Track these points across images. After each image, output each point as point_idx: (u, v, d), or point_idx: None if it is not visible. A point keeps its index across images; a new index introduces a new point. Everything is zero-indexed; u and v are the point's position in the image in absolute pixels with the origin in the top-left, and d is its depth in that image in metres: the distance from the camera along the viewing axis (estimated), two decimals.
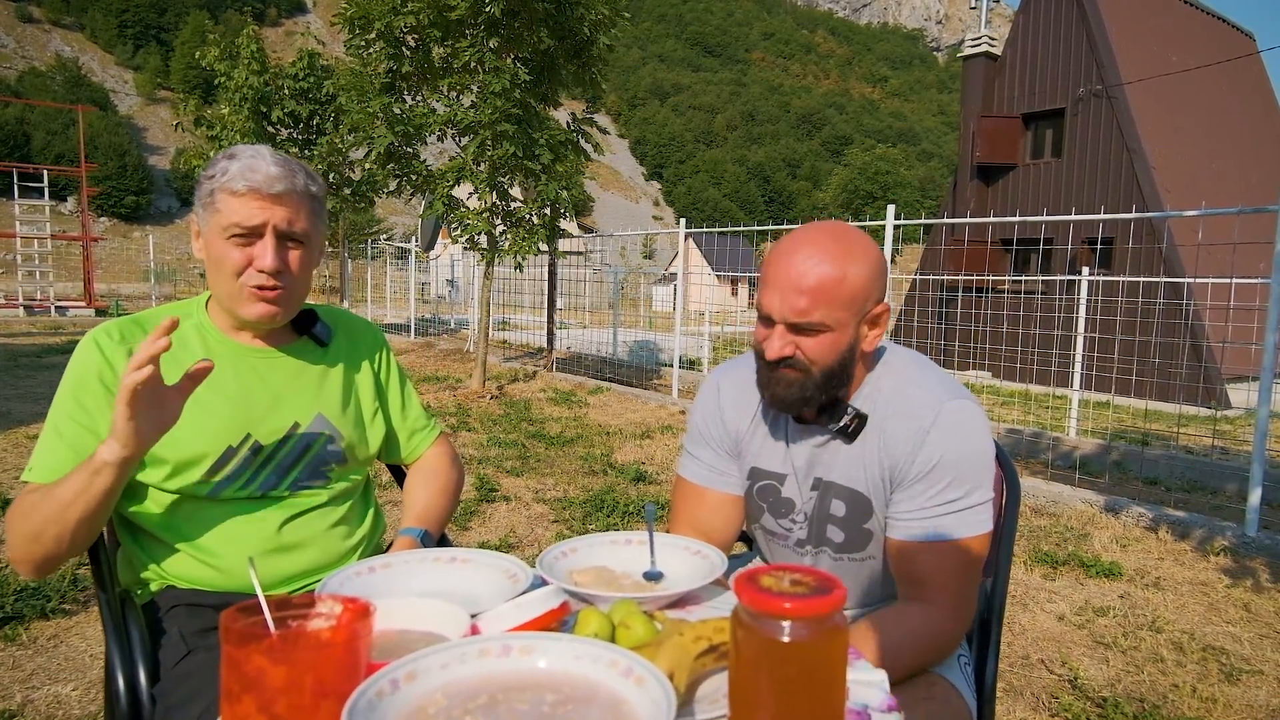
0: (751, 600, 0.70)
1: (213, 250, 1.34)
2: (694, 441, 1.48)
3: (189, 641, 1.28)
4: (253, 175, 1.31)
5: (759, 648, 0.70)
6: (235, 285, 1.34)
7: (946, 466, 1.21)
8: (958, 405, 1.24)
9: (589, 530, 4.07)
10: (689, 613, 1.09)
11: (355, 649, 0.68)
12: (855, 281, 1.19)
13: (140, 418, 1.12)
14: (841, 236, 1.21)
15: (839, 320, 1.19)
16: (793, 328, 1.21)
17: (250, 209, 1.31)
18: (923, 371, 1.31)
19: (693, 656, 0.82)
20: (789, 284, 1.19)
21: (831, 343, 1.21)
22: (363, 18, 7.49)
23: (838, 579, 0.72)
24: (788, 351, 1.22)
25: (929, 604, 1.22)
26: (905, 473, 1.24)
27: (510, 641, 0.80)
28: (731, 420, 1.43)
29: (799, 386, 1.24)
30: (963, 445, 1.22)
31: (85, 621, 2.85)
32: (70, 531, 1.20)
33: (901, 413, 1.26)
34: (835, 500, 1.33)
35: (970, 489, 1.22)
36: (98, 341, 1.34)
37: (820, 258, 1.18)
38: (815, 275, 1.17)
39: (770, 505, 1.40)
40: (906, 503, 1.24)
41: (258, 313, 1.35)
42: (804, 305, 1.18)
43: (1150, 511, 4.55)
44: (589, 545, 1.24)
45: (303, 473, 1.43)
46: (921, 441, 1.22)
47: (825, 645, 0.69)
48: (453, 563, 1.16)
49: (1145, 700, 2.60)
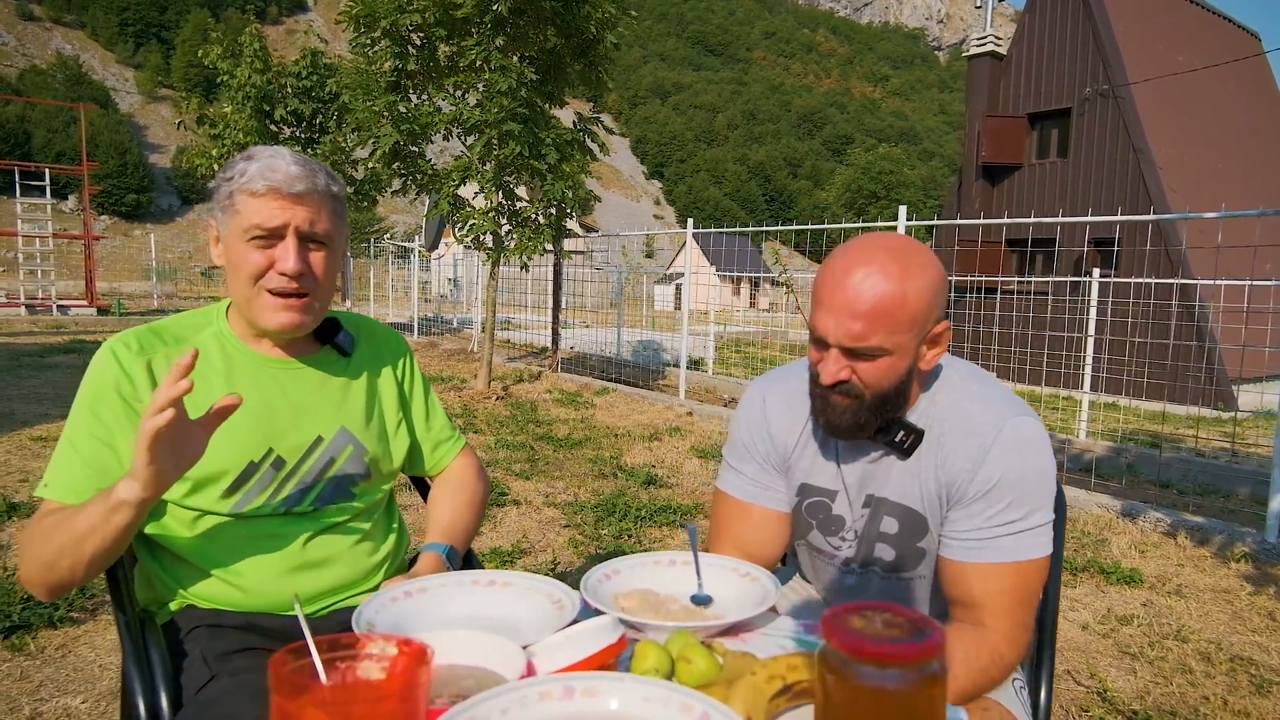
0: (846, 645, 0.64)
1: (232, 254, 1.29)
2: (737, 455, 1.41)
3: (212, 665, 1.22)
4: (272, 175, 1.26)
5: (854, 695, 0.64)
6: (254, 290, 1.28)
7: (1007, 486, 1.15)
8: (1020, 422, 1.18)
9: (601, 535, 4.02)
10: (744, 641, 1.03)
11: (414, 698, 0.63)
12: (916, 302, 1.11)
13: (162, 459, 1.07)
14: (900, 252, 1.13)
15: (898, 344, 1.12)
16: (848, 352, 1.14)
17: (270, 209, 1.26)
18: (983, 386, 1.25)
19: (768, 698, 0.77)
20: (844, 306, 1.11)
21: (889, 367, 1.14)
22: (368, 15, 7.43)
23: (933, 620, 0.67)
24: (844, 376, 1.15)
25: (984, 629, 1.16)
26: (964, 491, 1.18)
27: (573, 683, 0.74)
28: (779, 434, 1.36)
29: (852, 413, 1.17)
30: (1024, 464, 1.16)
31: (94, 631, 2.79)
32: (85, 563, 1.16)
33: (961, 429, 1.20)
34: (887, 518, 1.27)
35: (1031, 510, 1.16)
36: (115, 353, 1.29)
37: (878, 277, 1.10)
38: (872, 297, 1.09)
39: (820, 523, 1.34)
40: (964, 522, 1.18)
41: (280, 322, 1.30)
42: (860, 329, 1.11)
43: (1168, 516, 4.50)
44: (631, 567, 1.19)
45: (326, 489, 1.38)
46: (982, 459, 1.16)
47: (927, 694, 0.64)
48: (491, 586, 1.10)
49: (1177, 713, 2.55)
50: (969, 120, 16.21)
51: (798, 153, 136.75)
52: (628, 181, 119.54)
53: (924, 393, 1.25)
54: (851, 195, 68.35)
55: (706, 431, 6.78)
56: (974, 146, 15.89)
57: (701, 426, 7.01)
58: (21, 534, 1.14)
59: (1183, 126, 14.98)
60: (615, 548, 3.85)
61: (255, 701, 1.13)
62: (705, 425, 7.07)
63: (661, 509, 4.41)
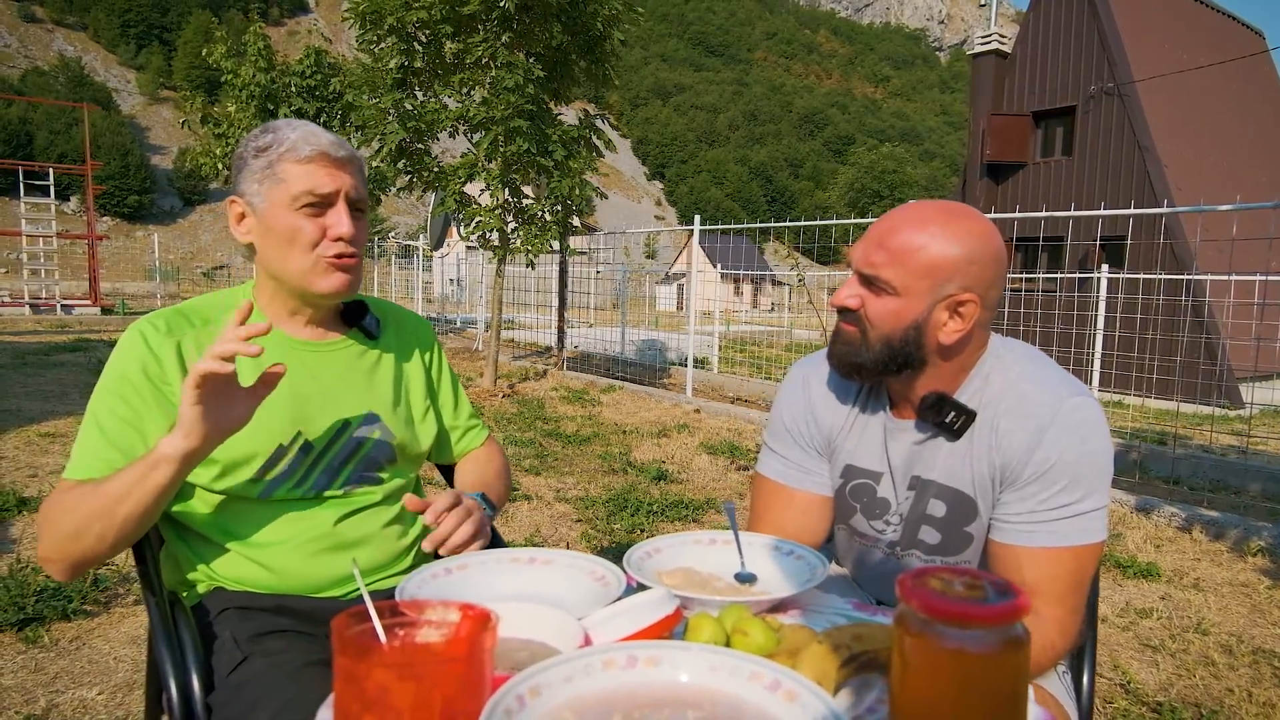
0: (926, 606, 0.62)
1: (279, 224, 1.26)
2: (778, 438, 1.38)
3: (243, 647, 1.20)
4: (316, 140, 1.25)
5: (934, 658, 0.62)
6: (310, 258, 1.26)
7: (1064, 468, 1.11)
8: (1079, 402, 1.14)
9: (614, 529, 4.00)
10: (791, 618, 1.01)
11: (481, 662, 0.61)
12: (938, 254, 1.11)
13: (209, 410, 1.06)
14: (949, 211, 1.14)
15: (908, 287, 1.12)
16: (863, 279, 1.17)
17: (320, 176, 1.25)
18: (1038, 366, 1.21)
19: (836, 667, 0.75)
20: (875, 235, 1.16)
21: (896, 309, 1.14)
22: (374, 12, 7.41)
23: (1016, 584, 0.65)
24: (852, 303, 1.18)
25: (1036, 616, 1.12)
26: (1018, 473, 1.14)
27: (635, 652, 0.72)
28: (825, 416, 1.34)
29: (854, 348, 1.19)
30: (1082, 446, 1.12)
31: (107, 624, 2.77)
32: (117, 528, 1.13)
33: (1016, 409, 1.16)
34: (934, 500, 1.24)
35: (1086, 493, 1.12)
36: (144, 334, 1.27)
37: (915, 222, 1.13)
38: (901, 234, 1.12)
39: (864, 506, 1.31)
40: (1016, 505, 1.15)
41: (336, 284, 1.29)
42: (878, 259, 1.13)
43: (1183, 511, 4.47)
44: (671, 545, 1.17)
45: (354, 472, 1.36)
46: (1039, 441, 1.13)
47: (1011, 658, 0.62)
48: (532, 564, 1.08)
49: (1202, 705, 2.52)
50: (973, 118, 16.18)
51: (799, 153, 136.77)
52: (629, 182, 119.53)
53: (976, 368, 1.22)
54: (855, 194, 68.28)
55: (715, 428, 6.75)
56: (978, 145, 15.86)
57: (709, 424, 6.99)
58: (40, 512, 1.11)
59: (1187, 124, 14.95)
60: (628, 542, 3.82)
61: (291, 681, 1.11)
62: (713, 422, 7.05)
63: (674, 504, 4.39)
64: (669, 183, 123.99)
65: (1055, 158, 15.48)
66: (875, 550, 1.34)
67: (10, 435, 5.42)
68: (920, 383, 1.21)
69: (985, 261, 1.13)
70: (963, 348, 1.20)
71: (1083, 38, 15.00)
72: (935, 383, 1.21)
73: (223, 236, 76.32)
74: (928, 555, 1.29)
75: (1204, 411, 10.62)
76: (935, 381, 1.21)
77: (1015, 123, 15.68)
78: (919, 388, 1.22)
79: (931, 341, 1.16)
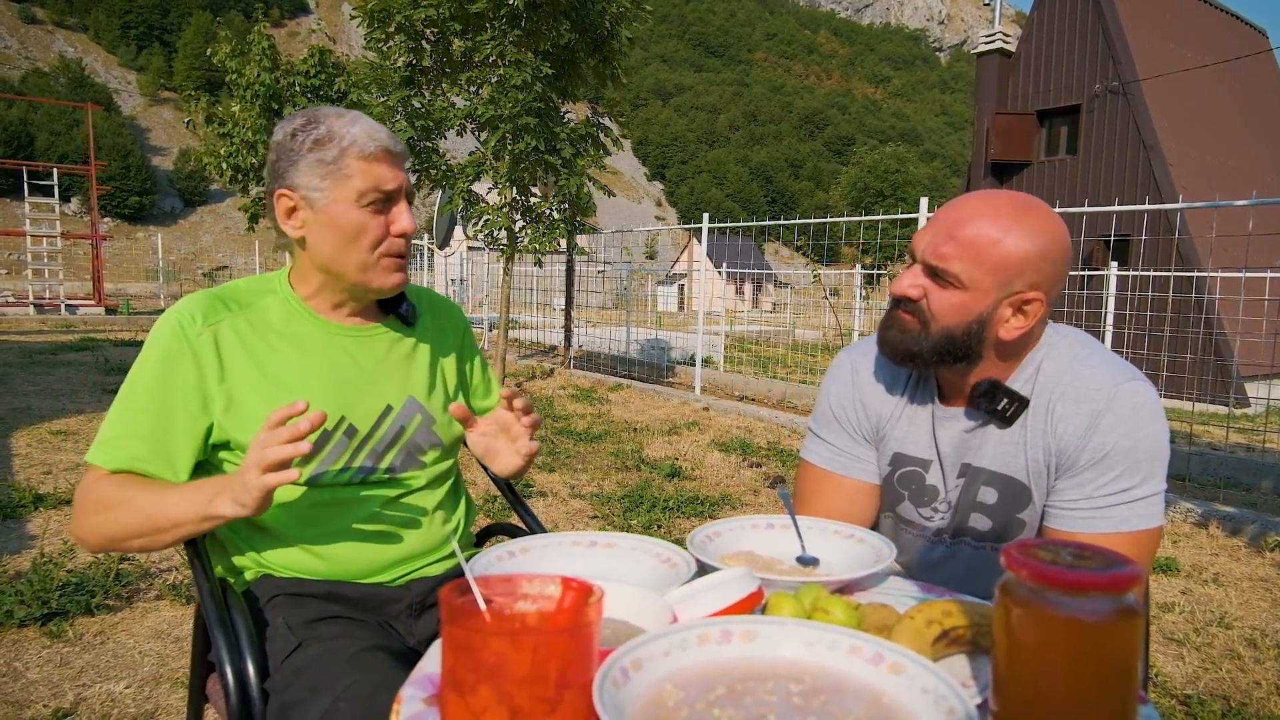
0: (1036, 575, 0.61)
1: (344, 220, 1.24)
2: (825, 426, 1.38)
3: (297, 633, 1.20)
4: (379, 135, 1.24)
5: (1046, 628, 0.61)
6: (373, 256, 1.26)
7: (1121, 453, 1.10)
8: (1134, 387, 1.13)
9: (631, 525, 3.99)
10: (859, 600, 1.00)
11: (591, 635, 0.60)
12: (1011, 250, 1.09)
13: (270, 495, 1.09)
14: (1021, 206, 1.11)
15: (976, 281, 1.10)
16: (929, 270, 1.14)
17: (385, 172, 1.24)
18: (1091, 351, 1.20)
19: (930, 642, 0.74)
20: (944, 225, 1.12)
21: (961, 303, 1.12)
22: (382, 11, 7.41)
23: (1128, 556, 0.64)
24: (914, 294, 1.15)
25: None
26: (1074, 459, 1.13)
27: (730, 626, 0.72)
28: (873, 403, 1.33)
29: (911, 337, 1.16)
30: (1139, 430, 1.11)
31: (130, 618, 2.77)
32: (158, 545, 1.20)
33: (1071, 394, 1.15)
34: (985, 488, 1.23)
35: (1144, 478, 1.11)
36: (183, 327, 1.24)
37: (988, 214, 1.10)
38: (973, 227, 1.10)
39: (912, 493, 1.31)
40: (1073, 491, 1.14)
41: (395, 281, 1.30)
42: (948, 250, 1.11)
43: (1199, 507, 4.47)
44: (730, 530, 1.16)
45: (398, 457, 1.36)
46: (1095, 426, 1.11)
47: (1124, 628, 0.61)
48: (594, 546, 1.08)
49: (1230, 698, 2.52)
50: (977, 117, 16.17)
51: (799, 154, 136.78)
52: (629, 183, 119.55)
53: (1029, 355, 1.21)
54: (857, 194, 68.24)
55: (725, 426, 6.75)
56: (982, 144, 15.85)
57: (719, 421, 6.98)
58: (76, 496, 1.13)
59: (1192, 123, 14.94)
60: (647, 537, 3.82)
61: (350, 667, 1.11)
62: (723, 420, 7.04)
63: (689, 500, 4.38)
64: (669, 183, 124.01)
65: (1060, 157, 15.47)
66: (922, 538, 1.33)
67: (23, 433, 5.42)
68: (974, 373, 1.21)
69: (1055, 259, 1.12)
70: (1022, 344, 1.18)
71: (1087, 36, 15.00)
72: (988, 372, 1.20)
73: (223, 238, 76.32)
74: (978, 543, 1.28)
75: (1210, 410, 10.61)
76: (989, 371, 1.20)
77: (1019, 122, 15.67)
78: (972, 377, 1.21)
79: (992, 336, 1.15)
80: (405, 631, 1.32)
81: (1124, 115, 14.33)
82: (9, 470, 4.53)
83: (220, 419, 1.24)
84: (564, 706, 0.58)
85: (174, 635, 2.65)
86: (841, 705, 0.63)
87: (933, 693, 0.62)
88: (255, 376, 1.26)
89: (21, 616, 2.65)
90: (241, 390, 1.25)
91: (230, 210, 73.02)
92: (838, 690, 0.65)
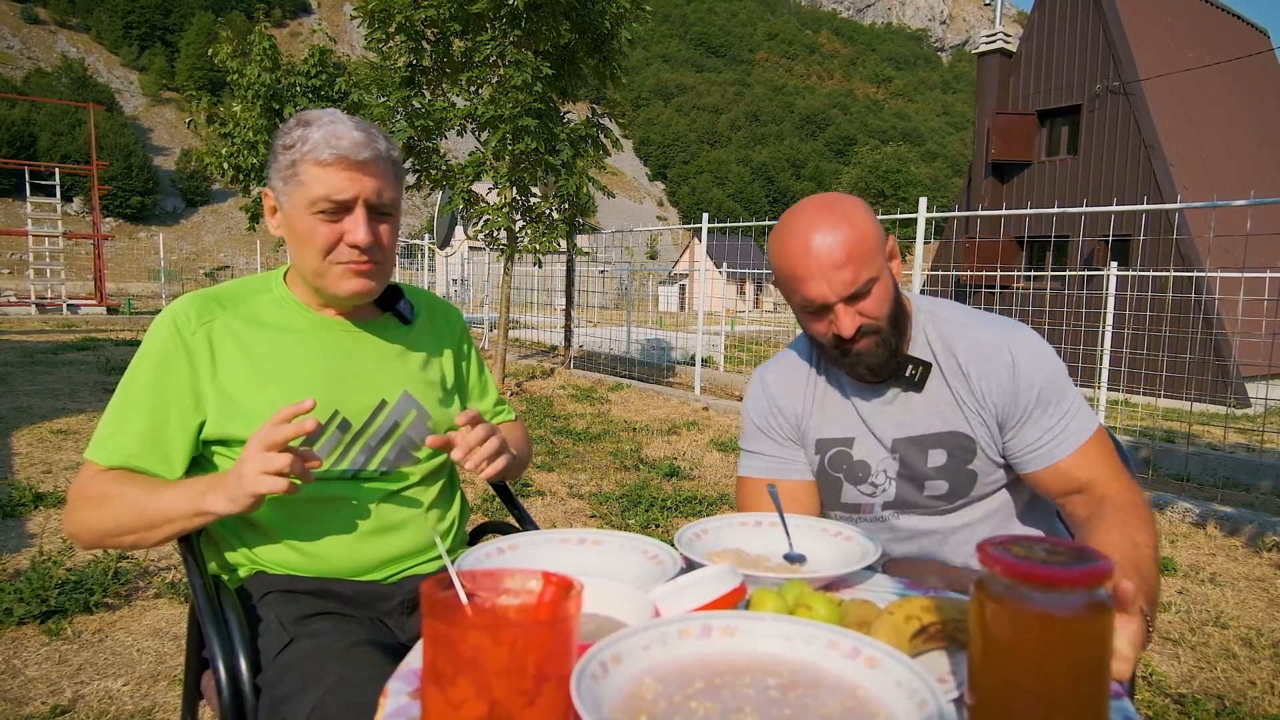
0: (1011, 570, 0.62)
1: (298, 226, 1.25)
2: (752, 439, 1.46)
3: (289, 629, 1.21)
4: (338, 142, 1.21)
5: (1019, 623, 0.62)
6: (324, 263, 1.26)
7: (1049, 388, 1.28)
8: (1022, 334, 1.31)
9: (629, 524, 4.00)
10: (843, 596, 1.01)
11: (571, 629, 0.61)
12: (867, 229, 1.23)
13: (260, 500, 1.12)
14: (830, 203, 1.24)
15: (877, 268, 1.23)
16: (850, 300, 1.24)
17: (339, 181, 1.22)
18: (972, 315, 1.36)
19: (908, 637, 0.75)
20: (826, 266, 1.20)
21: (883, 292, 1.25)
22: (383, 11, 7.42)
23: (1097, 550, 0.65)
24: (861, 322, 1.25)
25: (1110, 495, 1.23)
26: (1015, 408, 1.28)
27: (710, 621, 0.72)
28: (787, 404, 1.43)
29: (882, 347, 1.27)
30: (1047, 364, 1.29)
31: (128, 616, 2.78)
32: (150, 542, 1.21)
33: (976, 357, 1.30)
34: (933, 451, 1.32)
35: (1072, 397, 1.29)
36: (177, 326, 1.26)
37: (831, 229, 1.21)
38: (841, 245, 1.20)
39: (846, 473, 1.38)
40: (1031, 433, 1.28)
41: (352, 288, 1.28)
42: (849, 275, 1.21)
43: (1196, 507, 4.47)
44: (719, 527, 1.17)
45: (391, 452, 1.36)
46: (1014, 377, 1.28)
47: (1097, 622, 0.62)
48: (582, 544, 1.09)
49: (1225, 697, 2.52)
50: (978, 117, 16.17)
51: (801, 154, 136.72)
52: (631, 183, 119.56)
53: (915, 327, 1.34)
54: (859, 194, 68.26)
55: (724, 426, 6.76)
56: (983, 144, 15.85)
57: (719, 421, 6.99)
58: (70, 493, 1.14)
59: (1193, 123, 14.94)
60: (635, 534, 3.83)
61: (340, 660, 1.12)
62: (722, 420, 7.05)
63: (687, 499, 4.39)
64: (671, 183, 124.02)
65: (1060, 156, 15.46)
66: (870, 518, 1.39)
67: (23, 432, 5.44)
68: None
69: (872, 212, 1.29)
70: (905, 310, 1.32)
71: (1088, 36, 14.99)
72: None
73: (225, 238, 76.45)
74: (930, 508, 1.35)
75: (1210, 410, 10.61)
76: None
77: (1020, 121, 15.66)
78: None
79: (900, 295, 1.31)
80: (397, 628, 1.33)
81: (1125, 115, 14.32)
82: (9, 469, 4.55)
83: (213, 416, 1.25)
84: (542, 699, 0.59)
85: (172, 633, 2.67)
86: (817, 698, 0.64)
87: (906, 686, 0.63)
88: (248, 370, 1.27)
89: (20, 614, 2.66)
90: (235, 385, 1.26)
91: (232, 210, 73.11)
92: (814, 684, 0.66)
